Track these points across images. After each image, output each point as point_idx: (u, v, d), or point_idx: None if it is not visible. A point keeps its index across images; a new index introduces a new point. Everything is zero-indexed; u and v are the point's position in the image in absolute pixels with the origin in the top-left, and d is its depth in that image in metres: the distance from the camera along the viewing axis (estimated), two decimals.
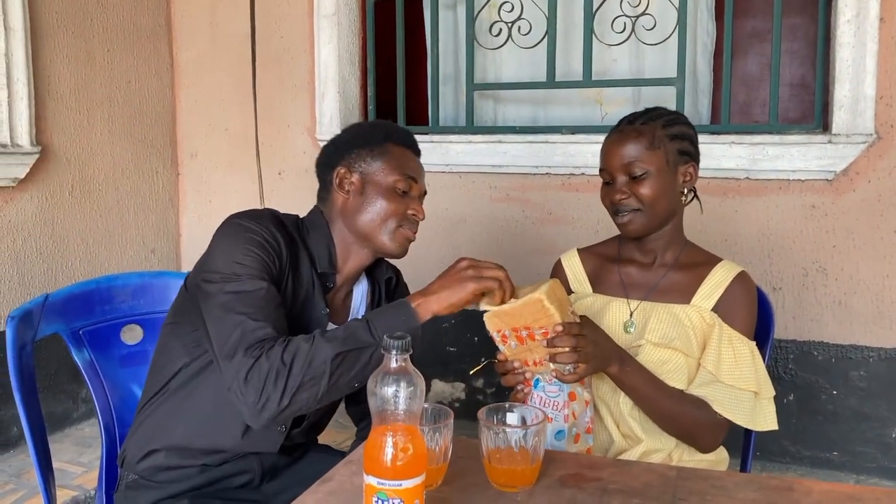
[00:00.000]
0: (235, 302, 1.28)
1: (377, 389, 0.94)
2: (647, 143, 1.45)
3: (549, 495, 1.10)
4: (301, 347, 1.22)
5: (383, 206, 1.43)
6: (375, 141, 1.47)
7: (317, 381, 1.22)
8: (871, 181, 2.60)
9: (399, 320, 1.26)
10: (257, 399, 1.21)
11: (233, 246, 1.34)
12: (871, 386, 2.64)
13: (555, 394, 1.33)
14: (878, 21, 2.50)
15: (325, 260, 1.46)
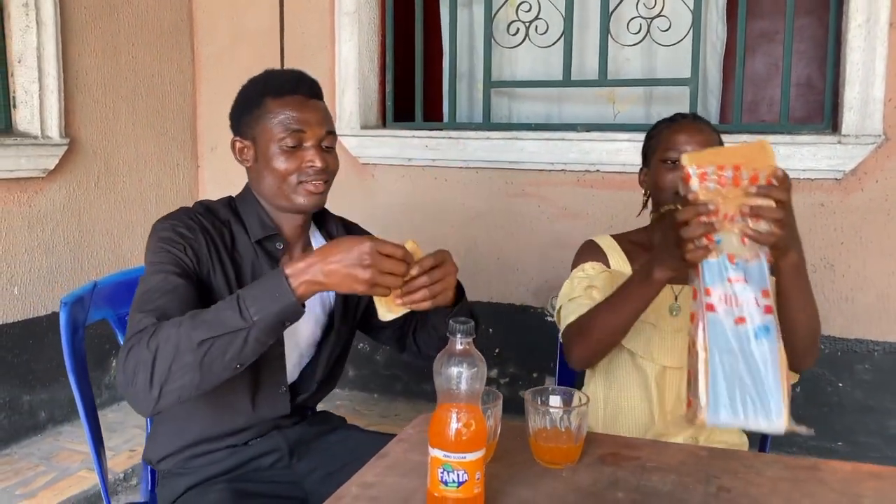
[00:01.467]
0: (137, 297, 1.30)
1: (442, 370, 1.02)
2: (716, 140, 1.57)
3: (591, 472, 1.19)
4: (168, 334, 1.16)
5: (276, 167, 1.40)
6: (254, 101, 1.44)
7: (186, 370, 1.15)
8: (878, 181, 2.68)
9: (273, 299, 1.16)
10: (127, 388, 1.18)
11: (150, 249, 1.38)
12: (876, 379, 2.73)
13: (738, 285, 1.09)
14: (887, 26, 2.58)
15: (257, 228, 1.45)
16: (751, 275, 1.09)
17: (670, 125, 1.62)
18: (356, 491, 1.12)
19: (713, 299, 1.08)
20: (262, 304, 1.16)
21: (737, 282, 1.08)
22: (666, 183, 1.57)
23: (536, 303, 3.13)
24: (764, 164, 1.10)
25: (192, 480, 1.44)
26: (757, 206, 1.09)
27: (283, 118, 1.40)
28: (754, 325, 1.07)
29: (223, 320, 1.16)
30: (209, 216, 1.45)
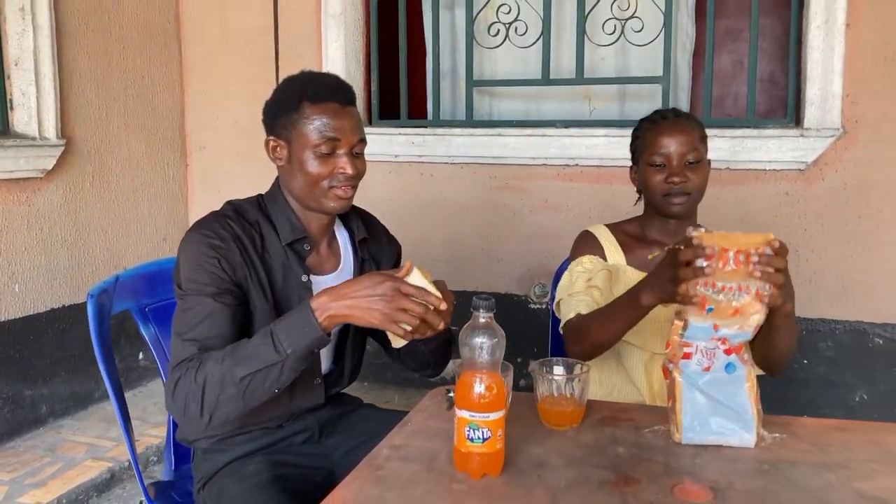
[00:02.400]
0: (177, 319, 1.44)
1: (468, 341, 1.16)
2: (699, 136, 1.68)
3: (593, 432, 1.34)
4: (213, 370, 1.31)
5: (310, 171, 1.47)
6: (291, 104, 1.48)
7: (231, 400, 1.32)
8: (837, 171, 2.88)
9: (303, 333, 1.31)
10: (182, 417, 1.36)
11: (185, 263, 1.47)
12: (837, 355, 2.94)
13: (715, 344, 1.27)
14: (844, 27, 2.77)
15: (287, 232, 1.54)
16: (731, 339, 1.26)
17: (652, 127, 1.72)
18: (387, 452, 1.26)
19: (691, 349, 1.27)
20: (293, 338, 1.31)
21: (716, 341, 1.26)
22: (654, 184, 1.69)
23: (520, 291, 3.29)
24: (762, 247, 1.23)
25: (231, 456, 1.55)
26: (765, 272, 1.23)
27: (320, 125, 1.46)
28: (721, 365, 1.27)
29: (260, 355, 1.31)
30: (239, 220, 1.53)
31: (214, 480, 1.55)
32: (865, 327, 2.90)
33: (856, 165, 2.85)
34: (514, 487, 1.14)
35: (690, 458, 1.24)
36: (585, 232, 1.84)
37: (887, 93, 2.78)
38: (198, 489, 1.59)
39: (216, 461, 1.57)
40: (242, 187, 3.61)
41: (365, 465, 1.22)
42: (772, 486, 1.14)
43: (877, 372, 2.89)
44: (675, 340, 1.27)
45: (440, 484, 1.16)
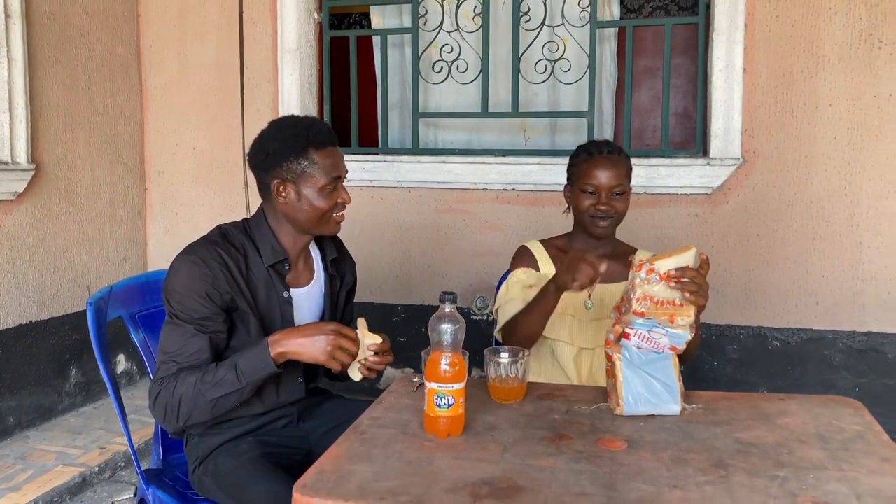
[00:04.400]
0: (164, 337, 1.71)
1: (435, 327, 1.45)
2: (626, 170, 2.02)
3: (533, 404, 1.65)
4: (188, 391, 1.64)
5: (318, 205, 1.75)
6: (300, 151, 1.72)
7: (203, 413, 1.66)
8: (739, 195, 3.30)
9: (259, 366, 1.63)
10: (161, 421, 1.72)
11: (175, 287, 1.70)
12: (742, 357, 3.33)
13: (658, 336, 1.58)
14: (742, 71, 3.20)
15: (269, 255, 1.80)
16: (671, 337, 1.58)
17: (588, 158, 2.03)
18: (368, 422, 1.54)
19: (631, 332, 1.57)
20: (250, 370, 1.65)
21: (658, 334, 1.57)
22: (584, 207, 2.03)
23: (463, 304, 3.59)
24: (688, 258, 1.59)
25: (224, 438, 1.80)
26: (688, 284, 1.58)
27: (327, 166, 1.73)
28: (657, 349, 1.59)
29: (226, 383, 1.65)
30: (225, 244, 1.76)
31: (209, 459, 1.79)
32: (765, 331, 3.31)
33: (754, 190, 3.27)
34: (473, 444, 1.44)
35: (611, 421, 1.56)
36: (522, 247, 2.16)
37: (779, 128, 3.21)
38: (193, 469, 1.83)
39: (210, 443, 1.82)
40: (199, 209, 3.88)
41: (351, 431, 1.49)
42: (672, 438, 1.47)
43: (775, 370, 3.29)
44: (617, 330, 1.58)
45: (414, 442, 1.44)
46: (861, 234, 3.17)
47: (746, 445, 1.43)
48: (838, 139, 3.15)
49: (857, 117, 3.13)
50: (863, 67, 3.10)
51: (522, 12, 3.51)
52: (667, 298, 1.57)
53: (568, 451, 1.41)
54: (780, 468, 1.33)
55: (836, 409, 1.63)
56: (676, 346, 1.59)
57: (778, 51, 3.18)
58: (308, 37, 3.71)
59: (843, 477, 1.30)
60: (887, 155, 3.11)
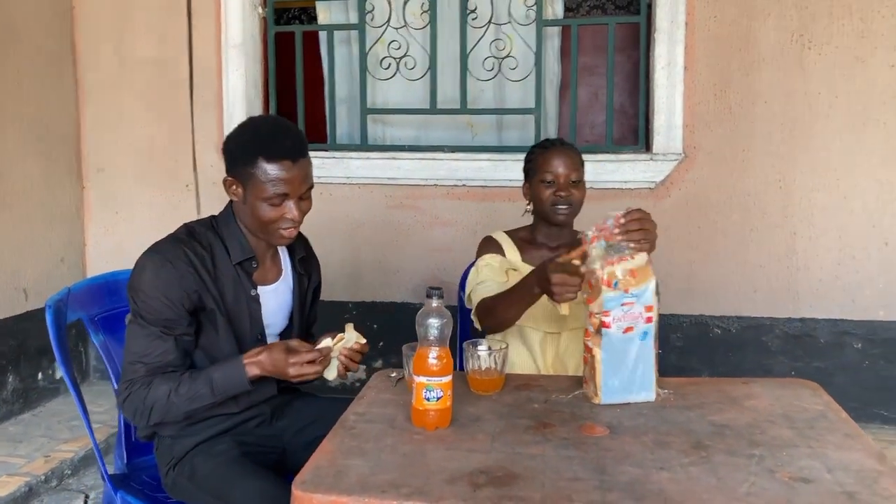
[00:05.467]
0: (130, 339, 1.69)
1: (423, 321, 1.48)
2: (579, 160, 2.10)
3: (512, 395, 1.69)
4: (159, 399, 1.65)
5: (261, 214, 1.70)
6: (248, 160, 1.67)
7: (174, 419, 1.70)
8: (681, 189, 3.42)
9: (235, 384, 1.67)
10: (131, 420, 1.73)
11: (140, 287, 1.67)
12: (685, 345, 3.47)
13: (630, 307, 1.60)
14: (682, 69, 3.33)
15: (237, 253, 1.78)
16: (640, 297, 1.60)
17: (544, 152, 2.12)
18: (354, 417, 1.55)
19: (609, 319, 1.59)
20: (225, 387, 1.68)
21: (629, 305, 1.60)
22: (545, 198, 2.10)
23: (415, 300, 3.62)
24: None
25: (199, 438, 1.78)
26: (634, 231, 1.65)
27: (273, 179, 1.65)
28: (638, 331, 1.61)
29: (201, 396, 1.67)
30: (191, 243, 1.74)
31: (185, 461, 1.77)
32: (707, 320, 3.45)
33: (695, 184, 3.40)
34: (462, 435, 1.47)
35: (589, 409, 1.62)
36: (488, 237, 2.22)
37: (718, 124, 3.35)
38: (166, 471, 1.80)
39: (184, 445, 1.79)
40: (142, 208, 3.78)
41: (339, 427, 1.50)
42: (651, 423, 1.53)
43: (716, 356, 3.44)
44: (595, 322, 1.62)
45: (403, 435, 1.46)
46: (795, 224, 3.34)
47: (721, 427, 1.51)
48: (773, 134, 3.31)
49: (789, 114, 3.29)
50: (794, 66, 3.26)
51: (469, 10, 3.55)
52: (619, 256, 1.62)
53: (554, 439, 1.45)
54: (755, 447, 1.41)
55: (796, 390, 1.73)
56: (650, 304, 1.62)
57: (716, 50, 3.31)
58: (253, 32, 3.66)
59: (813, 453, 1.38)
60: (817, 149, 3.29)
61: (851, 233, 3.31)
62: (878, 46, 3.20)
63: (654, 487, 1.25)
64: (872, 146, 3.25)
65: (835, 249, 3.33)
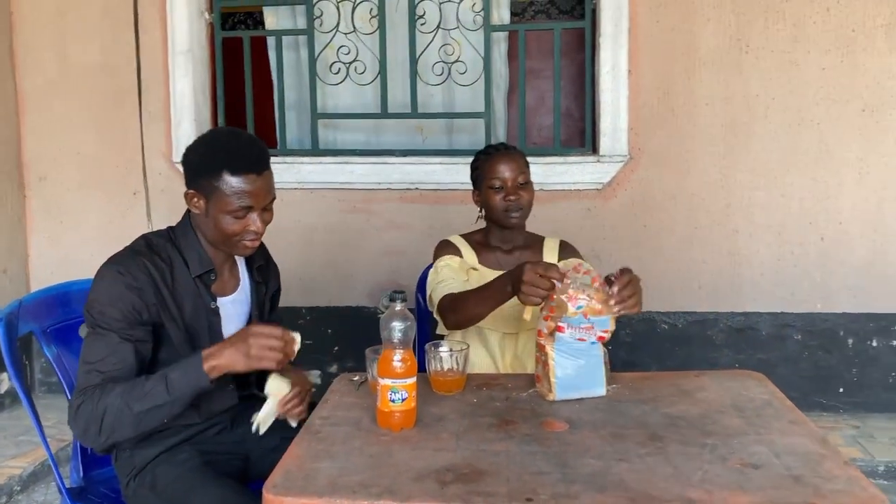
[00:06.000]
0: (87, 347, 1.63)
1: (387, 324, 1.50)
2: (524, 163, 2.14)
3: (473, 394, 1.73)
4: (113, 403, 1.56)
5: (224, 227, 1.69)
6: (212, 173, 1.65)
7: (127, 427, 1.58)
8: (627, 190, 3.51)
9: (192, 380, 1.58)
10: (81, 436, 1.62)
11: (99, 297, 1.64)
12: (634, 340, 3.56)
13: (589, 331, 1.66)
14: (627, 73, 3.42)
15: (196, 265, 1.76)
16: (598, 324, 1.66)
17: (489, 158, 2.16)
18: (319, 422, 1.57)
19: (564, 326, 1.64)
20: (181, 384, 1.59)
21: (587, 329, 1.66)
22: (495, 203, 2.14)
23: (370, 303, 3.64)
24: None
25: (160, 448, 1.76)
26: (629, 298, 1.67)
27: (237, 192, 1.65)
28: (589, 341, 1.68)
29: (154, 395, 1.57)
30: (151, 256, 1.71)
31: (146, 471, 1.75)
32: (654, 316, 3.55)
33: (640, 184, 3.50)
34: (427, 434, 1.50)
35: (549, 405, 1.67)
36: (444, 241, 2.25)
37: (661, 126, 3.45)
38: (127, 482, 1.78)
39: (145, 455, 1.77)
40: (86, 216, 3.72)
41: (305, 432, 1.52)
42: (608, 417, 1.59)
43: (664, 351, 3.54)
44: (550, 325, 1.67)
45: (370, 437, 1.49)
46: (736, 222, 3.47)
47: (674, 419, 1.57)
48: (714, 136, 3.43)
49: (729, 115, 3.41)
50: (733, 70, 3.39)
51: (418, 15, 3.58)
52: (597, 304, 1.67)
53: (516, 435, 1.50)
54: (707, 437, 1.48)
55: (743, 381, 1.81)
56: (603, 333, 1.70)
57: (659, 54, 3.41)
58: (200, 37, 3.63)
59: (761, 440, 1.46)
60: (756, 150, 3.42)
61: (789, 229, 3.45)
62: (810, 50, 3.35)
63: (614, 478, 1.31)
64: (807, 146, 3.40)
65: (774, 245, 3.47)
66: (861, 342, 3.47)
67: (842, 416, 3.46)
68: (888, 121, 3.35)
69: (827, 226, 3.44)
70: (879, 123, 3.36)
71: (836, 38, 3.33)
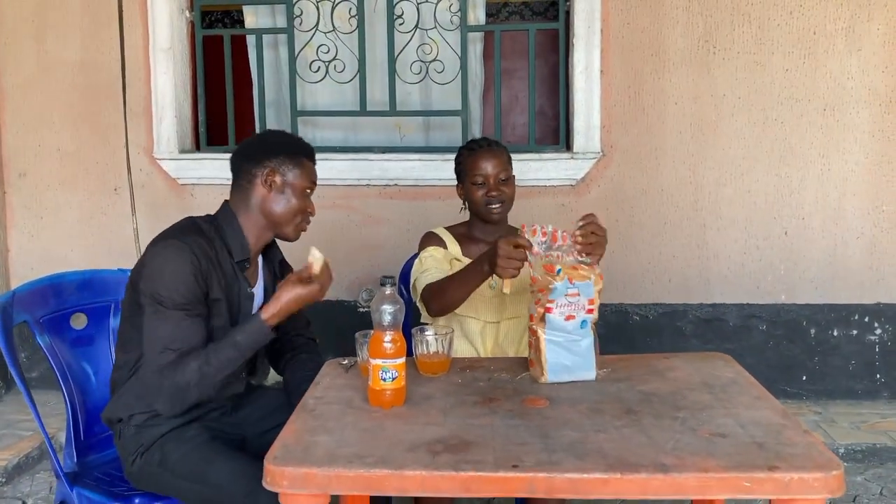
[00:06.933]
0: (155, 328, 1.75)
1: (378, 307, 1.59)
2: (507, 158, 2.23)
3: (458, 375, 1.82)
4: (192, 378, 1.73)
5: (296, 203, 1.92)
6: (297, 154, 1.94)
7: (210, 391, 1.79)
8: (600, 186, 3.63)
9: (258, 339, 1.80)
10: (169, 410, 1.79)
11: (162, 274, 1.76)
12: (607, 332, 3.65)
13: (575, 297, 1.74)
14: (599, 73, 3.53)
15: (238, 252, 1.90)
16: (583, 289, 1.75)
17: (472, 154, 2.26)
18: (313, 401, 1.65)
19: (552, 306, 1.72)
20: (249, 344, 1.80)
21: (573, 296, 1.74)
22: (477, 198, 2.23)
23: (349, 297, 3.71)
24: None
25: (168, 427, 1.83)
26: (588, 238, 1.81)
27: (312, 174, 1.98)
28: (579, 320, 1.76)
29: (231, 360, 1.78)
30: (200, 234, 1.84)
31: (153, 449, 1.82)
32: (627, 307, 3.67)
33: (612, 180, 3.61)
34: (416, 411, 1.59)
35: (530, 384, 1.76)
36: (429, 232, 2.34)
37: (632, 124, 3.57)
38: (132, 460, 1.84)
39: (152, 434, 1.84)
40: (66, 213, 3.76)
41: (300, 410, 1.60)
42: (586, 394, 1.69)
43: (636, 342, 3.66)
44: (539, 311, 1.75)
45: (362, 414, 1.57)
46: (704, 217, 3.60)
47: (648, 395, 1.68)
48: (683, 133, 3.56)
49: (697, 114, 3.54)
50: (701, 70, 3.52)
51: (396, 15, 3.66)
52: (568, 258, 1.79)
53: (500, 411, 1.59)
54: (678, 410, 1.58)
55: (711, 362, 1.92)
56: (591, 297, 1.78)
57: (630, 54, 3.53)
58: (181, 35, 3.68)
59: (728, 413, 1.57)
60: (723, 147, 3.55)
61: (755, 224, 3.59)
62: (774, 52, 3.49)
63: (592, 447, 1.40)
64: (772, 144, 3.54)
65: (741, 239, 3.60)
66: (823, 332, 3.62)
67: (805, 402, 3.61)
68: (847, 119, 3.51)
69: (790, 220, 3.58)
70: (839, 122, 3.51)
71: (799, 40, 3.48)
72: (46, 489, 2.96)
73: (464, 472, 1.31)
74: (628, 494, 1.32)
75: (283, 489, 1.33)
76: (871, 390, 3.62)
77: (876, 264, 3.57)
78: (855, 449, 3.15)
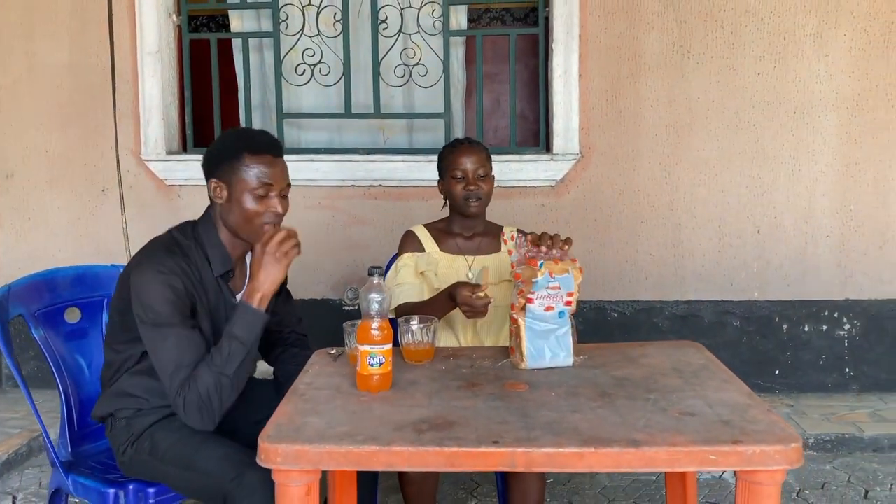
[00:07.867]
0: (160, 350, 1.75)
1: (366, 296, 1.67)
2: (486, 156, 2.33)
3: (442, 363, 1.90)
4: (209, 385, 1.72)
5: (246, 209, 1.81)
6: (233, 154, 1.81)
7: (233, 393, 1.77)
8: (578, 186, 3.73)
9: (253, 324, 1.77)
10: (200, 425, 1.77)
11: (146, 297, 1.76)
12: (586, 329, 3.75)
13: (556, 290, 1.83)
14: (578, 77, 3.64)
15: (219, 265, 1.89)
16: (563, 282, 1.84)
17: (453, 150, 2.37)
18: (303, 387, 1.73)
19: (534, 297, 1.81)
20: (247, 332, 1.78)
21: (554, 288, 1.83)
22: (457, 192, 2.33)
23: (334, 296, 3.78)
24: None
25: (157, 417, 1.90)
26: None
27: (257, 172, 1.80)
28: (557, 310, 1.85)
29: (235, 354, 1.76)
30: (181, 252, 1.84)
31: (143, 438, 1.88)
32: (604, 304, 3.77)
33: (591, 181, 3.72)
34: (403, 395, 1.67)
35: (510, 370, 1.85)
36: (408, 231, 2.44)
37: (610, 126, 3.68)
38: (123, 450, 1.90)
39: (142, 423, 1.90)
40: (54, 214, 3.81)
41: (291, 395, 1.67)
42: (563, 379, 1.78)
43: (613, 337, 3.76)
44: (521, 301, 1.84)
45: (351, 398, 1.65)
46: (679, 216, 3.71)
47: (622, 380, 1.77)
48: (658, 136, 3.67)
49: (672, 117, 3.66)
50: (676, 74, 3.63)
51: (380, 20, 3.75)
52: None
53: (482, 395, 1.67)
54: (650, 393, 1.67)
55: (683, 349, 2.02)
56: (571, 290, 1.87)
57: (607, 59, 3.64)
58: (168, 39, 3.74)
59: (697, 395, 1.66)
60: (697, 149, 3.67)
61: (728, 223, 3.71)
62: (746, 56, 3.61)
63: (569, 425, 1.49)
64: (744, 145, 3.66)
65: (715, 238, 3.72)
66: (794, 327, 3.75)
67: (777, 395, 3.72)
68: (817, 122, 3.64)
69: (763, 219, 3.70)
70: (809, 124, 3.64)
71: (770, 45, 3.61)
72: (37, 484, 3.00)
73: (448, 448, 1.39)
74: (602, 468, 1.42)
75: (276, 465, 1.41)
76: (840, 383, 3.75)
77: (844, 262, 3.70)
78: (824, 439, 3.27)
